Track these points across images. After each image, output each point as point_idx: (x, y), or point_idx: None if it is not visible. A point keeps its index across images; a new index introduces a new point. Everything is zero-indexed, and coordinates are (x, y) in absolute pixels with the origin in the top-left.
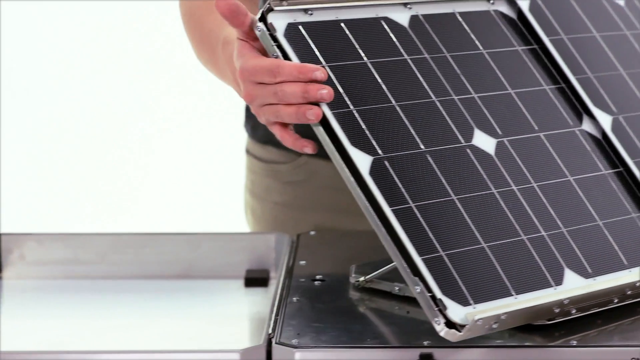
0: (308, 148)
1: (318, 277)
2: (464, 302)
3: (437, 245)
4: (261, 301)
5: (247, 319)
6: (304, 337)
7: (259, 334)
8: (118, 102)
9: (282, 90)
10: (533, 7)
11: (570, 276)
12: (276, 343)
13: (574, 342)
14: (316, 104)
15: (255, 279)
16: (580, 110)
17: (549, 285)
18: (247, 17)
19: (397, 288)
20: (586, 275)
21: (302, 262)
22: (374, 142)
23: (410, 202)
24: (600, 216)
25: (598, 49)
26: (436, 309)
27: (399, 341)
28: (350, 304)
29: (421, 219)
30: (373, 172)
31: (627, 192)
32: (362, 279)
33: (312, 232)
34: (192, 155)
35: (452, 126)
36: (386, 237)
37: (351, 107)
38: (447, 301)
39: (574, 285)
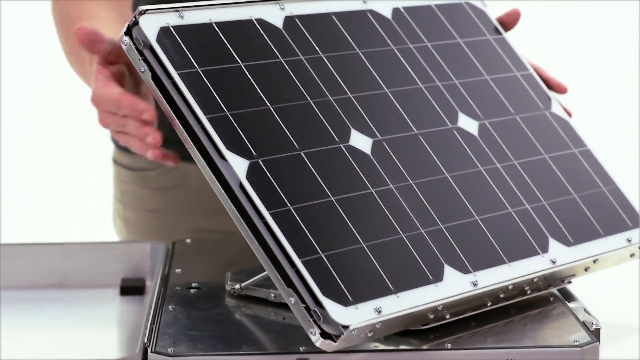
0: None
1: (194, 285)
2: (345, 302)
3: (317, 247)
4: (137, 310)
5: (123, 328)
6: (180, 345)
7: (135, 343)
8: None
9: (126, 124)
10: (395, 15)
11: (450, 272)
12: (152, 352)
13: (449, 345)
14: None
15: (131, 288)
16: (455, 107)
17: (429, 282)
18: (103, 43)
19: (272, 295)
20: (465, 271)
21: (178, 270)
22: (250, 146)
23: (288, 204)
24: (477, 212)
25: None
26: (311, 320)
27: (275, 347)
28: (227, 311)
29: (300, 222)
30: (250, 176)
31: (503, 188)
32: (237, 286)
33: (188, 240)
34: (58, 166)
35: (328, 127)
36: (259, 249)
37: (226, 111)
38: (327, 302)
39: (453, 282)
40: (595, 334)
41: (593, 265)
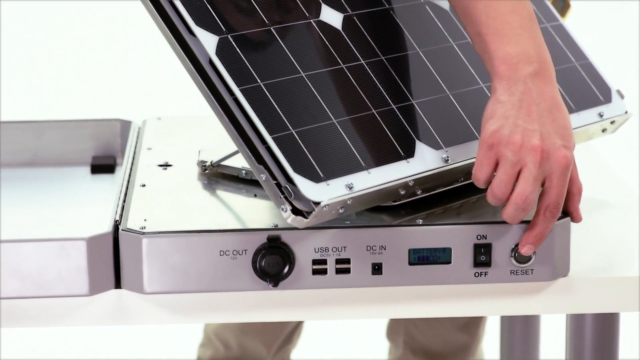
0: None
1: (164, 162)
2: (316, 179)
3: (288, 123)
4: (108, 188)
5: (94, 206)
6: (151, 223)
7: (106, 221)
8: None
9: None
10: None
11: (421, 148)
12: (123, 230)
13: (420, 221)
14: None
15: (102, 166)
16: None
17: (400, 158)
18: None
19: (243, 172)
20: (437, 146)
21: (149, 148)
22: (219, 22)
23: (258, 80)
24: (449, 87)
25: None
26: (282, 196)
27: (247, 224)
28: (198, 188)
29: (270, 98)
30: (220, 51)
31: (475, 63)
32: (208, 163)
33: (159, 118)
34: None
35: (298, 2)
36: (229, 126)
37: None
38: (299, 179)
39: (425, 158)
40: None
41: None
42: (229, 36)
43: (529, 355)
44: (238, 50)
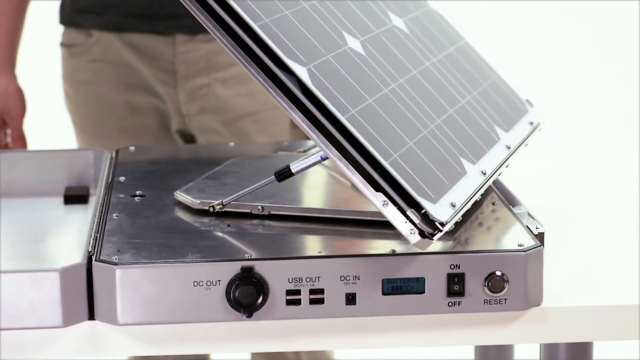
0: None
1: (138, 193)
2: (431, 200)
3: (388, 148)
4: (81, 218)
5: (68, 237)
6: (125, 254)
7: (79, 252)
8: None
9: None
10: None
11: (466, 165)
12: (96, 260)
13: (394, 250)
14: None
15: (75, 197)
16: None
17: (461, 175)
18: None
19: (259, 207)
20: (473, 161)
21: (122, 178)
22: (298, 53)
23: (350, 109)
24: (449, 105)
25: None
26: (407, 221)
27: (220, 255)
28: (171, 219)
29: (366, 124)
30: (314, 82)
31: (448, 81)
32: (216, 203)
33: (132, 148)
34: None
35: (328, 29)
36: (341, 158)
37: (265, 19)
38: (423, 201)
39: (472, 173)
40: (539, 238)
41: (524, 148)
42: (311, 66)
43: None
44: (323, 79)
